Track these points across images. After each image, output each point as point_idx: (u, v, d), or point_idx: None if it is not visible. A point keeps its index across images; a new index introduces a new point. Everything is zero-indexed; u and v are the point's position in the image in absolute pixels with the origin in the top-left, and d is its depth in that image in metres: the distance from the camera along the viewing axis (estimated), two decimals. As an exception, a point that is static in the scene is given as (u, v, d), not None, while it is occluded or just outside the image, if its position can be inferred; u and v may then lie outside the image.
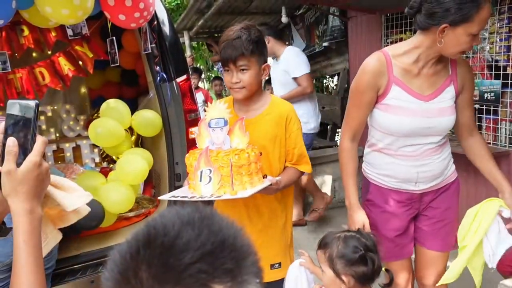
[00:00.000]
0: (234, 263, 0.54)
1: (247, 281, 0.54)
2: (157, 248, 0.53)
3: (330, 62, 6.41)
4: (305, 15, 6.37)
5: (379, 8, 4.39)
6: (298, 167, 1.98)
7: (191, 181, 1.73)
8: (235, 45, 1.79)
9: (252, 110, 1.96)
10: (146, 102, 3.01)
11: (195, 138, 1.84)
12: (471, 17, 1.62)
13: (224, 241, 0.55)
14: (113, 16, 2.27)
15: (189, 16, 6.47)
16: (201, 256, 0.52)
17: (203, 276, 0.51)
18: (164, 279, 0.50)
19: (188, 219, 0.57)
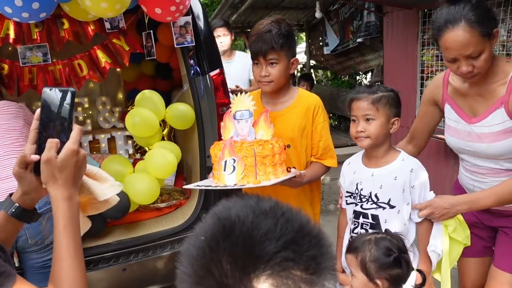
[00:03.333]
0: (317, 250, 0.54)
1: (327, 268, 0.54)
2: (237, 238, 0.53)
3: (364, 58, 6.32)
4: (340, 11, 6.30)
5: (416, 3, 4.28)
6: (323, 161, 1.99)
7: (216, 171, 1.75)
8: (265, 38, 1.81)
9: (279, 103, 1.99)
10: (180, 95, 3.05)
11: (221, 130, 1.87)
12: (437, 42, 1.59)
13: (302, 228, 0.56)
14: (150, 10, 2.30)
15: (223, 11, 6.51)
16: (284, 244, 0.52)
17: (290, 264, 0.51)
18: (249, 269, 0.51)
19: (259, 210, 0.57)
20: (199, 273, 0.53)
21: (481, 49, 1.51)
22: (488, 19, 1.51)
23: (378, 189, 1.76)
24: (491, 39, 1.52)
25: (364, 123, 1.72)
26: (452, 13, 1.53)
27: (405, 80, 4.60)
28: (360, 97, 1.73)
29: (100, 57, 2.89)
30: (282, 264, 0.51)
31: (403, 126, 4.81)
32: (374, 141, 1.73)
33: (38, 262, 2.12)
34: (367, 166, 1.83)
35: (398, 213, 1.74)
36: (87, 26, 2.85)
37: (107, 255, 2.57)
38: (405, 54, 4.59)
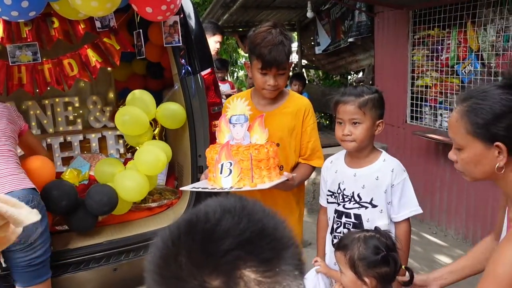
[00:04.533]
0: (274, 253, 0.54)
1: (285, 272, 0.54)
2: (197, 234, 0.54)
3: (355, 58, 6.34)
4: (331, 10, 6.32)
5: (407, 3, 4.31)
6: (310, 162, 2.05)
7: (211, 174, 1.79)
8: (280, 50, 1.84)
9: (271, 104, 2.04)
10: (171, 94, 3.05)
11: (216, 133, 1.90)
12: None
13: (263, 230, 0.56)
14: (140, 9, 2.30)
15: (215, 10, 6.49)
16: (239, 243, 0.53)
17: (241, 263, 0.51)
18: (202, 265, 0.52)
19: (229, 208, 0.58)
20: (159, 264, 0.55)
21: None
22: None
23: (360, 189, 1.80)
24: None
25: (351, 126, 1.75)
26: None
27: (396, 79, 4.63)
28: (346, 100, 1.75)
29: (90, 56, 2.87)
30: (234, 262, 0.51)
31: (393, 125, 4.87)
32: (360, 145, 1.77)
33: (24, 261, 2.11)
34: (349, 166, 1.86)
35: (380, 212, 1.77)
36: (77, 25, 2.82)
37: (97, 255, 2.56)
38: (396, 54, 4.62)
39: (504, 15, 3.42)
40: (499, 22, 3.46)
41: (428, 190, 4.27)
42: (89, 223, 2.64)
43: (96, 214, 2.63)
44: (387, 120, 4.90)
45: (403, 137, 4.52)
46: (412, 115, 4.41)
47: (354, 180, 1.82)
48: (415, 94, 4.37)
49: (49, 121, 3.78)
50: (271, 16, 7.21)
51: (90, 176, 3.27)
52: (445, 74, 4.00)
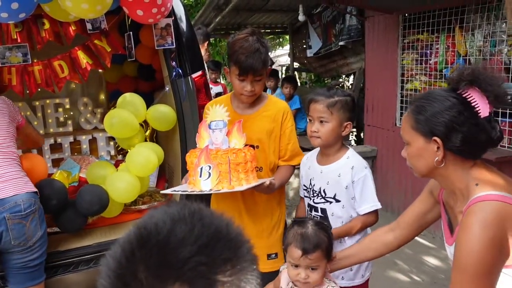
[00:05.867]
0: (231, 252, 0.55)
1: (245, 268, 0.56)
2: (152, 247, 0.53)
3: (346, 61, 6.39)
4: (322, 14, 6.37)
5: (397, 8, 4.36)
6: (290, 163, 2.12)
7: (191, 177, 1.86)
8: (256, 57, 1.89)
9: (250, 107, 2.10)
10: (162, 96, 3.05)
11: (196, 139, 1.96)
12: None
13: (218, 232, 0.56)
14: (131, 11, 2.31)
15: (207, 12, 6.51)
16: (198, 249, 0.53)
17: (203, 268, 0.52)
18: (164, 276, 0.51)
19: (178, 216, 0.57)
20: (116, 285, 0.53)
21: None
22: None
23: (325, 185, 1.91)
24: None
25: (318, 124, 1.86)
26: None
27: (386, 83, 4.68)
28: (317, 99, 1.86)
29: (81, 58, 2.87)
30: (196, 268, 0.51)
31: (383, 128, 4.90)
32: (324, 142, 1.87)
33: (20, 263, 2.13)
34: (319, 163, 1.97)
35: (343, 208, 1.89)
36: (68, 27, 2.83)
37: (87, 257, 2.56)
38: (386, 57, 4.67)
39: (491, 21, 3.47)
40: (486, 27, 3.52)
41: (416, 193, 4.28)
42: (78, 224, 2.64)
43: (87, 214, 2.63)
44: (378, 123, 4.98)
45: (393, 140, 4.56)
46: (402, 118, 4.45)
47: (321, 177, 1.93)
48: (404, 98, 4.42)
49: (39, 122, 3.77)
50: (263, 19, 7.24)
51: (80, 178, 3.27)
52: (433, 78, 4.05)
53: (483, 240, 1.14)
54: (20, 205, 2.10)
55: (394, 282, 3.39)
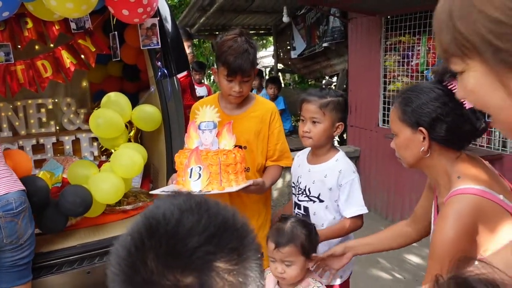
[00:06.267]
0: (238, 242, 0.58)
1: (250, 257, 0.58)
2: (162, 237, 0.55)
3: (330, 63, 6.45)
4: (306, 15, 6.41)
5: (379, 10, 4.43)
6: (279, 163, 2.13)
7: (180, 178, 1.85)
8: (245, 58, 1.89)
9: (238, 108, 2.11)
10: (147, 96, 3.05)
11: (184, 139, 1.95)
12: None
13: (224, 222, 0.58)
14: (117, 11, 2.30)
15: (191, 13, 6.50)
16: (206, 239, 0.55)
17: (211, 257, 0.54)
18: (173, 265, 0.53)
19: (185, 207, 0.59)
20: (127, 272, 0.55)
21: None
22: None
23: (311, 184, 1.92)
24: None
25: (311, 124, 1.86)
26: None
27: (369, 84, 4.74)
28: (310, 99, 1.87)
29: (65, 57, 2.85)
30: (204, 257, 0.53)
31: (366, 129, 4.97)
32: (316, 142, 1.88)
33: (9, 261, 2.14)
34: (308, 162, 1.99)
35: (326, 208, 1.90)
36: (51, 26, 2.80)
37: (71, 258, 2.54)
38: (369, 59, 4.73)
39: (470, 24, 3.55)
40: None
41: (399, 192, 4.38)
42: (60, 225, 2.61)
43: (69, 215, 2.61)
44: (361, 124, 5.05)
45: (376, 140, 4.63)
46: (385, 119, 4.53)
47: (308, 175, 1.95)
48: (387, 99, 4.49)
49: (21, 123, 3.72)
50: (248, 20, 7.26)
51: (64, 179, 3.24)
52: (415, 79, 4.12)
53: (455, 230, 1.18)
54: (12, 203, 2.10)
55: (376, 280, 3.44)
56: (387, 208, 4.62)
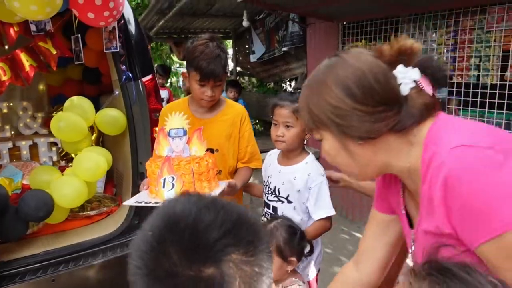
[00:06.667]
0: (253, 236, 0.63)
1: (263, 250, 0.63)
2: (183, 231, 0.59)
3: (289, 67, 6.58)
4: (265, 20, 6.52)
5: (337, 16, 4.58)
6: (249, 165, 2.19)
7: (153, 187, 1.85)
8: (217, 63, 1.93)
9: (208, 111, 2.15)
10: (111, 100, 3.01)
11: (154, 146, 1.96)
12: None
13: (240, 218, 0.64)
14: (82, 14, 2.27)
15: (150, 16, 6.44)
16: (225, 232, 0.60)
17: (230, 249, 0.59)
18: (195, 257, 0.57)
19: (201, 204, 0.64)
20: (149, 266, 0.58)
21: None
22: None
23: (281, 185, 1.98)
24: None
25: (284, 129, 1.91)
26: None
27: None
28: (282, 104, 1.92)
29: (24, 60, 2.76)
30: (224, 249, 0.58)
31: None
32: (289, 146, 1.94)
33: None
34: (279, 162, 2.05)
35: (294, 209, 1.96)
36: (10, 28, 2.71)
37: (34, 266, 2.47)
38: (327, 63, 4.86)
39: (423, 31, 3.76)
40: (419, 36, 3.80)
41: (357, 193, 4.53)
42: (19, 231, 2.52)
43: (30, 220, 2.53)
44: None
45: (335, 142, 4.76)
46: (343, 121, 4.66)
47: (278, 176, 2.00)
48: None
49: (-27, 128, 3.56)
50: (207, 24, 7.28)
51: (24, 185, 3.13)
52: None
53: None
54: None
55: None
56: (347, 208, 4.77)
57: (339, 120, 0.94)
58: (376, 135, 0.95)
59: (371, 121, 0.92)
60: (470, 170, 0.84)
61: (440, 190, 0.88)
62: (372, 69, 0.93)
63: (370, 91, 0.92)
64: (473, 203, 0.83)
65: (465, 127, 0.95)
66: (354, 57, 0.96)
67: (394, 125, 0.94)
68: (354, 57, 0.96)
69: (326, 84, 0.96)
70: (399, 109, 0.94)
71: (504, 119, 3.22)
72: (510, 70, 3.17)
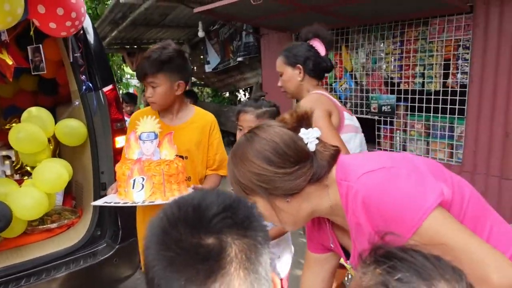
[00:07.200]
0: (249, 213, 0.72)
1: (258, 226, 0.72)
2: (188, 208, 0.70)
3: (244, 76, 6.70)
4: (220, 31, 6.61)
5: (290, 27, 4.74)
6: (219, 172, 2.22)
7: (123, 189, 1.87)
8: (144, 64, 2.00)
9: (177, 118, 2.18)
10: (71, 111, 2.97)
11: (124, 149, 1.97)
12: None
13: (238, 199, 0.73)
14: (43, 24, 2.25)
15: (103, 26, 6.35)
16: (224, 208, 0.69)
17: (229, 221, 0.68)
18: (197, 227, 0.67)
19: (206, 191, 0.74)
20: (159, 235, 0.68)
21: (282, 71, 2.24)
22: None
23: None
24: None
25: None
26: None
27: (282, 96, 5.01)
28: (247, 110, 2.01)
29: (-23, 71, 2.69)
30: (222, 221, 0.67)
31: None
32: None
33: None
34: None
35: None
36: (-39, 38, 2.63)
37: (-7, 283, 2.39)
38: (282, 72, 5.02)
39: (371, 41, 3.99)
40: (368, 46, 4.03)
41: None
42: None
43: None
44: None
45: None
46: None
47: None
48: (300, 109, 4.79)
49: None
50: (160, 34, 7.27)
51: (-23, 200, 3.01)
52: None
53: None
54: None
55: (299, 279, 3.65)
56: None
57: (265, 185, 1.11)
58: (298, 190, 1.12)
59: (292, 179, 1.10)
60: (376, 189, 1.05)
61: (362, 212, 1.07)
62: (282, 137, 1.12)
63: (285, 156, 1.10)
64: (387, 213, 1.03)
65: (362, 160, 1.17)
66: (266, 131, 1.14)
67: (311, 177, 1.12)
68: (265, 131, 1.14)
69: (248, 158, 1.12)
70: (311, 163, 1.12)
71: (448, 122, 3.48)
72: (451, 77, 3.43)
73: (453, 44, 3.38)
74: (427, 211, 1.00)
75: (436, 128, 3.57)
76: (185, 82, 2.12)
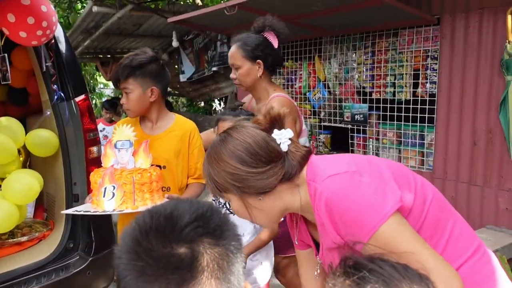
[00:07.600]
0: (221, 222, 0.72)
1: (231, 235, 0.72)
2: (160, 217, 0.69)
3: (219, 86, 6.72)
4: (194, 41, 6.62)
5: (265, 37, 4.79)
6: (200, 180, 2.20)
7: (95, 197, 1.86)
8: (117, 70, 2.02)
9: (156, 127, 2.17)
10: (42, 121, 2.92)
11: (101, 158, 1.96)
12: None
13: (211, 208, 0.74)
14: (13, 33, 2.22)
15: (75, 36, 6.27)
16: (196, 217, 0.69)
17: (200, 230, 0.68)
18: (169, 237, 0.66)
19: (179, 200, 0.75)
20: (131, 245, 0.67)
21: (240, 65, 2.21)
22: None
23: None
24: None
25: None
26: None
27: (257, 105, 5.06)
28: (225, 118, 2.03)
29: None
30: (193, 231, 0.67)
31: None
32: None
33: None
34: None
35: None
36: None
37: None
38: (257, 82, 5.06)
39: (344, 51, 4.07)
40: (340, 57, 4.11)
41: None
42: None
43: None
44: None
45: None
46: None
47: None
48: (275, 119, 4.83)
49: None
50: (134, 44, 7.22)
51: None
52: (299, 101, 4.54)
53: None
54: None
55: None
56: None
57: (238, 183, 1.16)
58: (270, 188, 1.17)
59: (264, 178, 1.15)
60: (338, 193, 1.12)
61: (326, 213, 1.13)
62: (255, 138, 1.17)
63: (257, 156, 1.15)
64: (347, 216, 1.10)
65: (329, 162, 1.23)
66: (239, 132, 1.20)
67: (282, 177, 1.18)
68: (239, 132, 1.20)
69: (221, 157, 1.17)
70: (283, 163, 1.18)
71: (418, 130, 3.57)
72: (421, 86, 3.53)
73: (422, 54, 3.48)
74: (385, 217, 1.06)
75: (407, 136, 3.66)
76: (161, 88, 2.11)
